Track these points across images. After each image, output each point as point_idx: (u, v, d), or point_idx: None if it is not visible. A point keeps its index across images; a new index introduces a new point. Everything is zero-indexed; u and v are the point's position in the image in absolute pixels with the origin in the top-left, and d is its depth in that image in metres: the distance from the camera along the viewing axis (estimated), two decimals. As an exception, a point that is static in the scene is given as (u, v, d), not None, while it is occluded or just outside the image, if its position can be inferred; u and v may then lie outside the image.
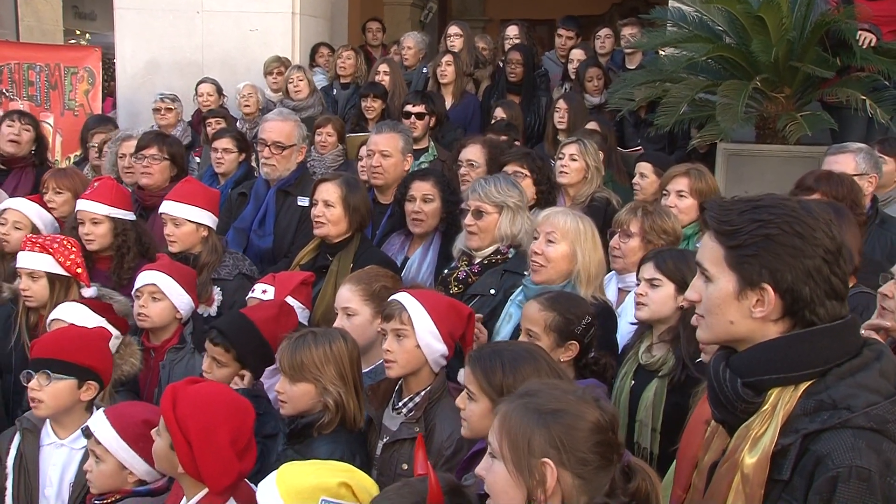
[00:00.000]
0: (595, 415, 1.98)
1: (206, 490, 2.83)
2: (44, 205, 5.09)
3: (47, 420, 3.48)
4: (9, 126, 6.49)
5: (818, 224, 1.94)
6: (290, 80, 8.01)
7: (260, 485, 2.55)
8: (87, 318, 3.82)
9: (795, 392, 1.92)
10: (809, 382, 1.92)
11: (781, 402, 1.92)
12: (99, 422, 3.10)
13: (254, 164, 6.53)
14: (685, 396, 3.09)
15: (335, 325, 3.60)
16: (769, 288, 1.93)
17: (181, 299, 4.10)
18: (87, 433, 3.14)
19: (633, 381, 3.41)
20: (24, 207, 4.96)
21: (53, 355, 3.40)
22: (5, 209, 4.94)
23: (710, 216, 2.03)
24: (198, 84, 8.44)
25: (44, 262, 4.19)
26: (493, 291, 4.08)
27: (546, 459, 1.92)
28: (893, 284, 3.19)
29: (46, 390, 3.37)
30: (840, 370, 1.91)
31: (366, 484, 2.54)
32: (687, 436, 2.75)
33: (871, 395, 1.87)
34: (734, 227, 1.97)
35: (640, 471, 2.01)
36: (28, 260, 4.19)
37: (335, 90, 8.55)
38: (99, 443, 3.08)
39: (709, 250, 2.03)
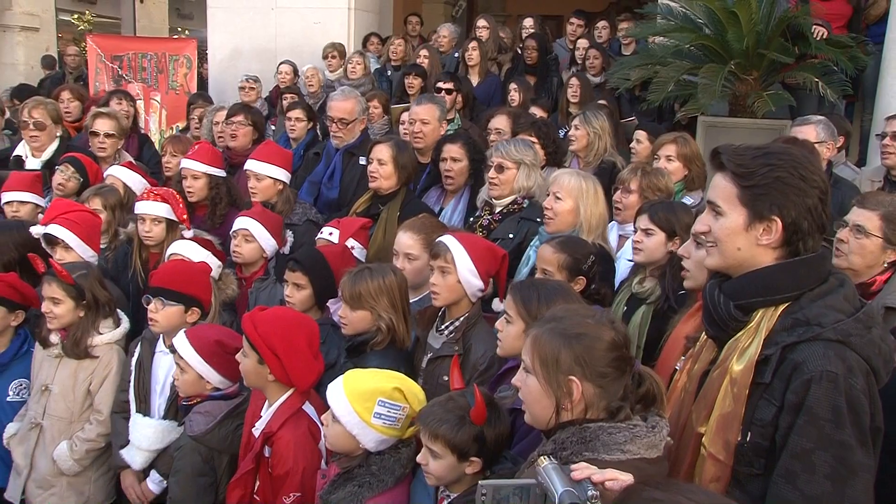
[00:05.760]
0: (611, 335, 1.91)
1: (288, 392, 2.83)
2: (136, 169, 5.04)
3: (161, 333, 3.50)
4: (117, 104, 6.43)
5: (816, 169, 1.92)
6: (350, 62, 7.99)
7: (329, 386, 2.54)
8: (196, 253, 3.82)
9: (776, 312, 1.91)
10: (787, 304, 1.91)
11: (765, 320, 1.91)
12: (181, 341, 3.11)
13: (317, 131, 6.47)
14: (666, 323, 3.02)
15: (395, 264, 3.52)
16: (778, 220, 1.89)
17: (268, 242, 4.07)
18: (173, 349, 3.15)
19: (625, 308, 3.35)
20: (120, 173, 4.91)
21: (167, 285, 3.41)
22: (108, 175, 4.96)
23: (727, 159, 1.96)
24: (279, 64, 8.50)
25: (164, 210, 4.16)
26: (511, 236, 4.00)
27: (572, 377, 1.87)
28: (848, 231, 3.16)
29: (161, 313, 3.38)
30: (812, 294, 1.90)
31: (415, 390, 2.53)
32: (667, 350, 2.71)
33: (838, 314, 1.86)
34: (749, 169, 1.92)
35: (649, 377, 1.96)
36: (152, 208, 4.15)
37: (389, 72, 8.50)
38: (182, 357, 3.08)
39: (721, 189, 1.97)
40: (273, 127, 7.44)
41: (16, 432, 3.61)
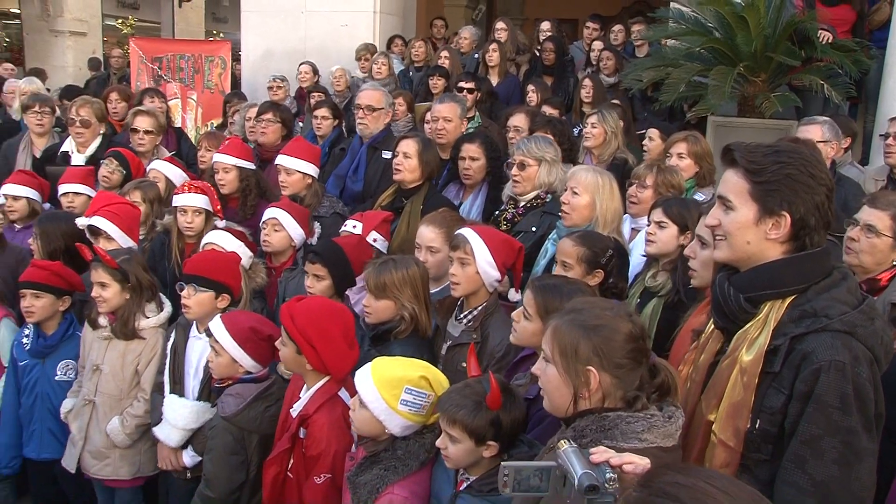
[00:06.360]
0: (628, 327, 1.88)
1: (325, 379, 2.82)
2: (176, 163, 5.07)
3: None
4: (150, 101, 6.46)
5: (823, 168, 1.89)
6: (376, 63, 7.98)
7: (357, 373, 2.51)
8: (230, 242, 3.83)
9: (783, 304, 1.88)
10: (794, 296, 1.88)
11: (773, 311, 1.89)
12: (216, 325, 3.10)
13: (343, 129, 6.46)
14: (675, 315, 2.98)
15: (418, 256, 3.49)
16: (787, 215, 1.86)
17: (296, 231, 4.06)
18: (209, 333, 3.15)
19: (638, 300, 3.30)
20: (162, 167, 4.95)
21: (199, 273, 3.41)
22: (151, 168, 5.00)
23: (739, 156, 1.92)
24: (300, 65, 8.49)
25: (203, 201, 4.18)
26: (534, 229, 3.95)
27: (590, 367, 1.84)
28: (859, 230, 3.12)
29: (193, 299, 3.39)
30: (818, 287, 1.87)
31: (440, 378, 2.50)
32: (677, 343, 2.68)
33: (843, 306, 1.84)
34: (760, 166, 1.88)
35: (664, 368, 1.93)
36: (193, 200, 4.17)
37: (411, 72, 8.46)
38: (217, 341, 3.08)
39: (732, 184, 1.93)
40: (301, 124, 7.45)
41: (71, 408, 3.70)
